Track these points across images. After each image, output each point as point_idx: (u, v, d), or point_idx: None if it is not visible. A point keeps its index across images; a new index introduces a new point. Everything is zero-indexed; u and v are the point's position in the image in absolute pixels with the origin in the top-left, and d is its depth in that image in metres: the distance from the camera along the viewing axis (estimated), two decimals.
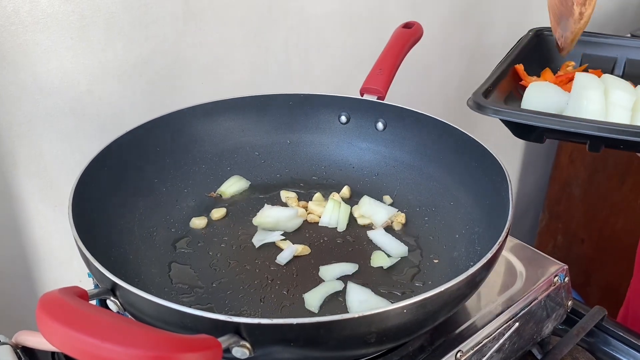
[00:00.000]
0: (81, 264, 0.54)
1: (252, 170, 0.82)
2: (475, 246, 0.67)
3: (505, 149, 1.81)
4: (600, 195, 1.72)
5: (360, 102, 0.81)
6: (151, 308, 0.47)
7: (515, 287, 0.66)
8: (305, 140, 0.84)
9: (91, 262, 0.51)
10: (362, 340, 0.48)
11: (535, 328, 0.66)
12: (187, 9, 0.85)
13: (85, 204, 0.60)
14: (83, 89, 0.79)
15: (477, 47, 1.47)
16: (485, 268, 0.53)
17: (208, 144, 0.80)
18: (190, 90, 0.91)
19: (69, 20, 0.75)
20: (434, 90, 1.41)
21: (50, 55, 0.75)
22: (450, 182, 0.75)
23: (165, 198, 0.75)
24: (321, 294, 0.63)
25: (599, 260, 1.77)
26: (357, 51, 1.12)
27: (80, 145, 0.82)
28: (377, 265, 0.68)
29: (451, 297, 0.51)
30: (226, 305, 0.62)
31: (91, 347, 0.38)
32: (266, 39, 0.98)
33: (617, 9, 1.97)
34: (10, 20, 0.70)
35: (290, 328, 0.44)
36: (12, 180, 0.78)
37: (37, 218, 0.82)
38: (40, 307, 0.41)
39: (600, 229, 1.75)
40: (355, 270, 0.67)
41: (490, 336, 0.60)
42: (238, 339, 0.44)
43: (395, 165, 0.81)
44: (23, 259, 0.83)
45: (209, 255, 0.69)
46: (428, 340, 0.58)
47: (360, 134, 0.83)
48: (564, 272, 0.69)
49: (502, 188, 0.64)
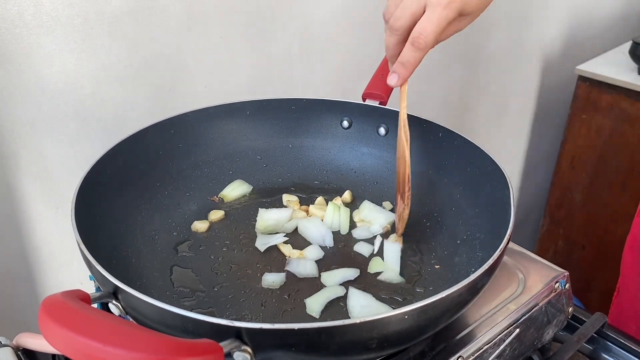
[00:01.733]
0: (82, 266, 0.54)
1: (254, 174, 0.82)
2: (476, 252, 0.67)
3: (507, 154, 1.81)
4: (602, 201, 1.72)
5: (363, 107, 0.81)
6: (153, 312, 0.47)
7: (516, 293, 0.66)
8: (307, 145, 0.84)
9: (93, 265, 0.51)
10: (363, 345, 0.48)
11: (536, 334, 0.66)
12: (191, 13, 0.86)
13: (88, 207, 0.60)
14: (86, 92, 0.79)
15: (479, 53, 1.47)
16: (486, 274, 0.53)
17: (210, 147, 0.80)
18: (193, 94, 0.91)
19: (73, 23, 0.75)
20: (436, 96, 1.41)
21: (54, 58, 0.75)
22: (452, 187, 0.75)
23: (167, 201, 0.75)
24: (323, 299, 0.63)
25: (599, 266, 1.77)
26: (359, 56, 1.12)
27: (83, 148, 0.82)
28: (374, 271, 0.68)
29: (452, 303, 0.51)
30: (228, 310, 0.62)
31: (93, 350, 0.38)
32: (269, 43, 0.98)
33: (619, 15, 1.97)
34: (14, 23, 0.70)
35: (292, 333, 0.44)
36: (14, 182, 0.78)
37: (38, 220, 0.82)
38: (43, 309, 0.41)
39: (601, 235, 1.75)
40: (356, 275, 0.67)
41: (491, 342, 0.60)
42: (239, 343, 0.44)
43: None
44: (24, 261, 0.83)
45: (211, 259, 0.69)
46: (429, 345, 0.58)
47: (362, 139, 0.83)
48: (564, 279, 0.69)
49: (503, 194, 0.64)
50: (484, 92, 1.57)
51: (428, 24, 0.57)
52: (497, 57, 1.53)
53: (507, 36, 1.52)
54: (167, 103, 0.88)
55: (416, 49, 0.59)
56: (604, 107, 1.62)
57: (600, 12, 1.87)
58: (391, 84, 0.63)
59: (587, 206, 1.76)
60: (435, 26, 0.57)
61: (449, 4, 0.57)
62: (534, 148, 1.90)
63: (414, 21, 0.59)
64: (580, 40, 1.85)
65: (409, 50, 0.59)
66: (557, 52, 1.77)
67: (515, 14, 1.51)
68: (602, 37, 1.93)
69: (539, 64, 1.73)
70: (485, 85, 1.56)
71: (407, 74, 0.62)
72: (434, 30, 0.57)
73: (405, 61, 0.60)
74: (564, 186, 1.80)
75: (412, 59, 0.60)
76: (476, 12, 0.60)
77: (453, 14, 0.57)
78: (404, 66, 0.61)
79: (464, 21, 0.61)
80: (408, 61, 0.60)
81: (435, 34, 0.58)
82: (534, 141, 1.89)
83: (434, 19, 0.57)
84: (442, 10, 0.57)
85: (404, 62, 0.61)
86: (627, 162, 1.62)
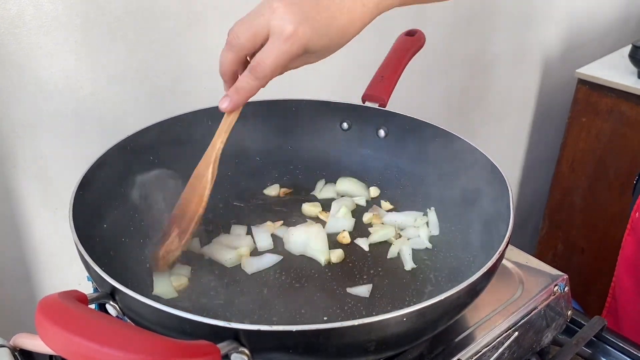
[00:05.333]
0: (80, 267, 0.53)
1: (253, 176, 0.82)
2: (475, 255, 0.67)
3: (506, 157, 1.81)
4: (601, 204, 1.72)
5: (362, 109, 0.81)
6: (150, 313, 0.47)
7: (515, 296, 0.66)
8: (306, 146, 0.84)
9: (91, 266, 0.51)
10: (361, 347, 0.47)
11: (535, 337, 0.66)
12: (191, 13, 0.86)
13: (86, 208, 0.60)
14: (86, 92, 0.79)
15: (480, 56, 1.47)
16: (485, 277, 0.53)
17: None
18: (192, 94, 0.91)
19: (73, 23, 0.75)
20: (436, 98, 1.41)
21: (54, 58, 0.75)
22: (451, 190, 0.75)
23: (166, 202, 0.75)
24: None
25: (599, 269, 1.76)
26: (359, 58, 1.12)
27: (82, 148, 0.81)
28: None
29: (451, 306, 0.51)
30: (225, 311, 0.62)
31: (90, 352, 0.38)
32: None
33: (619, 19, 1.97)
34: (14, 23, 0.70)
35: (290, 335, 0.44)
36: (12, 183, 0.78)
37: (37, 220, 0.82)
38: (39, 310, 0.41)
39: (600, 238, 1.75)
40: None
41: (489, 345, 0.60)
42: (237, 345, 0.44)
43: (397, 172, 0.81)
44: (22, 262, 0.83)
45: (209, 260, 0.69)
46: (427, 348, 0.58)
47: (361, 141, 0.83)
48: (564, 282, 0.69)
49: (503, 197, 0.64)
50: (484, 95, 1.57)
51: (267, 56, 0.54)
52: (497, 60, 1.53)
53: (508, 39, 1.52)
54: (167, 104, 0.88)
55: (254, 78, 0.55)
56: (604, 111, 1.62)
57: (600, 15, 1.87)
58: (221, 107, 0.59)
59: (587, 209, 1.76)
60: (274, 58, 0.53)
61: (289, 38, 0.53)
62: (533, 151, 1.90)
63: (254, 43, 0.55)
64: (580, 44, 1.85)
65: (246, 77, 0.56)
66: (557, 55, 1.77)
67: (515, 17, 1.51)
68: (602, 40, 1.93)
69: (539, 67, 1.73)
70: (485, 88, 1.56)
71: (240, 101, 0.58)
72: (274, 62, 0.54)
73: (241, 88, 0.57)
74: (564, 189, 1.80)
75: (248, 87, 0.56)
76: (324, 52, 0.56)
77: (296, 49, 0.53)
78: (238, 92, 0.57)
79: (313, 57, 0.57)
80: (243, 88, 0.57)
81: (274, 66, 0.54)
82: (533, 144, 1.89)
83: (274, 51, 0.53)
84: (282, 43, 0.53)
85: (239, 89, 0.57)
86: (626, 165, 1.62)
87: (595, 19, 1.86)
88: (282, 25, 0.53)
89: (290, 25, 0.52)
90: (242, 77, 0.57)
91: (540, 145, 1.92)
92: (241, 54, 0.56)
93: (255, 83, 0.56)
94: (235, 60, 0.57)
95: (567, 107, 1.73)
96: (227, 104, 0.58)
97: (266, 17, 0.53)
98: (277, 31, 0.53)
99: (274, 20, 0.53)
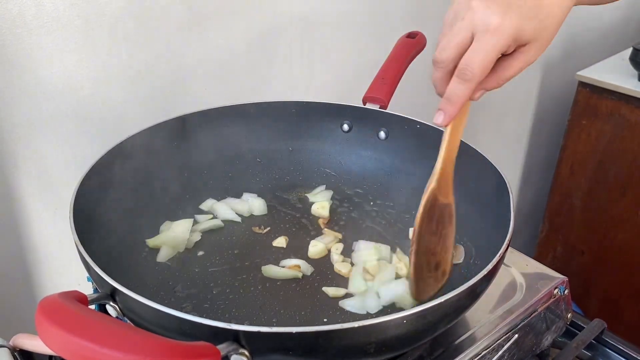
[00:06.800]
0: (80, 267, 0.53)
1: (253, 177, 0.82)
2: (475, 257, 0.67)
3: (507, 159, 1.81)
4: (601, 207, 1.72)
5: (363, 111, 0.81)
6: (150, 314, 0.47)
7: (515, 298, 0.66)
8: (307, 148, 0.84)
9: (91, 267, 0.51)
10: (361, 349, 0.47)
11: (535, 340, 0.66)
12: (192, 15, 0.86)
13: (86, 208, 0.60)
14: (86, 93, 0.79)
15: None
16: (485, 279, 0.53)
17: (210, 150, 0.80)
18: (193, 96, 0.91)
19: (73, 24, 0.75)
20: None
21: (54, 58, 0.75)
22: None
23: (166, 203, 0.75)
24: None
25: (598, 272, 1.76)
26: (360, 60, 1.12)
27: (82, 149, 0.81)
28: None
29: (451, 308, 0.50)
30: (225, 312, 0.62)
31: (89, 352, 0.38)
32: (270, 46, 0.98)
33: (620, 20, 1.97)
34: (15, 23, 0.70)
35: (290, 336, 0.44)
36: (13, 183, 0.77)
37: (37, 221, 0.82)
38: (39, 311, 0.41)
39: (600, 240, 1.75)
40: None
41: (489, 347, 0.60)
42: (237, 346, 0.44)
43: (397, 174, 0.81)
44: (22, 262, 0.83)
45: (209, 261, 0.69)
46: (427, 350, 0.58)
47: (362, 143, 0.83)
48: (564, 285, 0.68)
49: (503, 199, 0.64)
50: (485, 97, 1.56)
51: (475, 55, 0.50)
52: None
53: None
54: (167, 105, 0.88)
55: (461, 81, 0.52)
56: (604, 113, 1.62)
57: (601, 18, 1.88)
58: (437, 122, 0.56)
59: (587, 212, 1.76)
60: (483, 56, 0.50)
61: (497, 30, 0.49)
62: (533, 153, 1.90)
63: (460, 53, 0.52)
64: (581, 46, 1.85)
65: (454, 84, 0.53)
66: (558, 58, 1.77)
67: None
68: (602, 43, 1.93)
69: (539, 69, 1.73)
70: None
71: (453, 111, 0.55)
72: (482, 60, 0.50)
73: (451, 96, 0.54)
74: (564, 192, 1.80)
75: (459, 92, 0.53)
76: (536, 40, 0.51)
77: (504, 41, 0.49)
78: (449, 102, 0.54)
79: (526, 52, 0.52)
80: (455, 95, 0.53)
81: (483, 64, 0.50)
82: (533, 146, 1.89)
83: (482, 49, 0.50)
84: (490, 38, 0.49)
85: (450, 97, 0.54)
86: (626, 168, 1.62)
87: (596, 21, 1.86)
88: (485, 19, 0.49)
89: (495, 16, 0.49)
90: (451, 84, 0.54)
91: (541, 147, 1.92)
92: (449, 67, 0.54)
93: (465, 87, 0.53)
94: (444, 74, 0.55)
95: (567, 109, 1.73)
96: (441, 117, 0.56)
97: (467, 20, 0.50)
98: (481, 28, 0.50)
99: (476, 19, 0.50)
